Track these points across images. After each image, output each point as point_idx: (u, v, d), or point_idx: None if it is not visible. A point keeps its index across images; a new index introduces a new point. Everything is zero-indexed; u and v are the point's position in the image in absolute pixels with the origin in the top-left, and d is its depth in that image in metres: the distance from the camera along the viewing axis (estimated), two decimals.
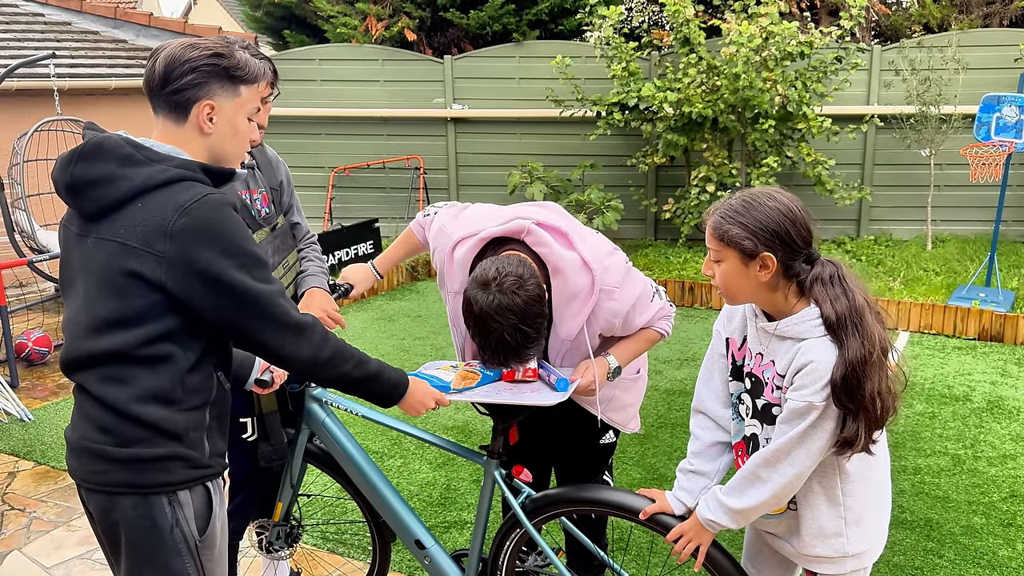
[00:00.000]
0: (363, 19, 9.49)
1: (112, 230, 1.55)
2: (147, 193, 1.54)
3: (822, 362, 1.66)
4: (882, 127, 7.89)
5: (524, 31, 9.36)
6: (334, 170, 8.83)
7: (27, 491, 3.73)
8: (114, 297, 1.54)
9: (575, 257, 2.06)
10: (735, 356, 1.91)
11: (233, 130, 1.67)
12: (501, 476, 2.16)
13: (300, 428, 2.40)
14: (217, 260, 1.52)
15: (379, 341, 5.88)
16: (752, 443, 1.88)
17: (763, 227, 1.67)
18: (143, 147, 1.58)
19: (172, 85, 1.60)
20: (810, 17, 11.07)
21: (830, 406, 1.67)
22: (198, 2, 25.06)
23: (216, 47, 1.64)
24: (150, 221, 1.51)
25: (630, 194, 8.35)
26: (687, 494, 1.96)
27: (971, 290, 6.23)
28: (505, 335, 1.91)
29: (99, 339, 1.56)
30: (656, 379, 5.03)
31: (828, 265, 1.73)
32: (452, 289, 2.19)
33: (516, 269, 1.93)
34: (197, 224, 1.51)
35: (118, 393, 1.56)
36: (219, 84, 1.63)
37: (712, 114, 7.10)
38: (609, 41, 7.50)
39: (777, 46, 6.91)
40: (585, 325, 2.10)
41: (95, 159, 1.56)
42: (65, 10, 9.34)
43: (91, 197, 1.56)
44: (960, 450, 3.97)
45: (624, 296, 2.10)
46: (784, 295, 1.74)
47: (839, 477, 1.79)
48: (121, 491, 1.60)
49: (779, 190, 1.75)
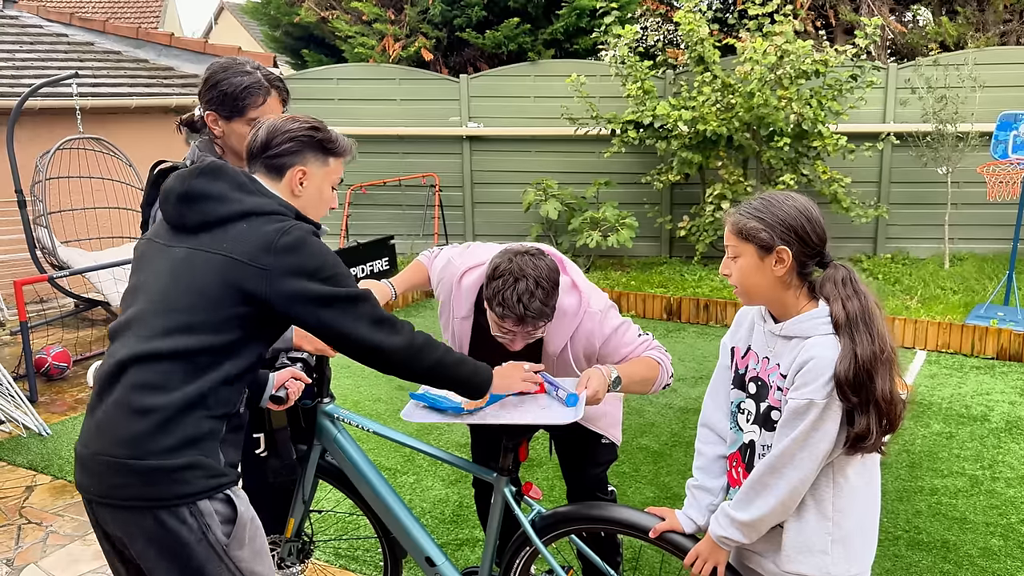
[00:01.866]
0: (380, 39, 9.59)
1: (215, 243, 1.70)
2: (254, 217, 1.73)
3: (823, 358, 1.67)
4: (898, 145, 7.87)
5: (539, 50, 9.42)
6: (351, 188, 8.90)
7: (44, 505, 3.76)
8: (204, 303, 1.66)
9: (567, 279, 2.25)
10: (738, 365, 1.93)
11: (319, 195, 1.89)
12: (511, 493, 2.16)
13: (312, 444, 2.41)
14: (315, 271, 1.71)
15: None
16: (749, 451, 1.87)
17: (780, 221, 1.73)
18: (256, 181, 1.81)
19: (272, 151, 1.82)
20: (825, 36, 11.08)
21: (831, 405, 1.67)
22: (219, 22, 25.45)
23: (313, 122, 1.87)
24: (255, 240, 1.69)
25: (645, 212, 8.36)
26: (696, 511, 1.96)
27: (989, 309, 6.17)
28: (530, 285, 2.03)
29: (168, 339, 1.66)
30: (670, 397, 5.01)
31: (841, 268, 1.78)
32: (459, 315, 2.33)
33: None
34: (296, 243, 1.70)
35: (156, 400, 1.63)
36: (312, 154, 1.85)
37: (727, 132, 7.10)
38: (624, 60, 7.53)
39: (792, 64, 6.92)
40: (569, 342, 2.24)
41: (216, 178, 1.76)
42: (88, 30, 9.51)
43: (201, 210, 1.73)
44: (978, 471, 3.93)
45: (605, 321, 2.26)
46: (795, 295, 1.77)
47: (832, 489, 1.77)
48: (142, 505, 1.64)
49: (797, 194, 1.81)
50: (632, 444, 4.28)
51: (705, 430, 2.02)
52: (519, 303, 2.03)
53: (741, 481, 1.88)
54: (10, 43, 8.57)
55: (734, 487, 1.92)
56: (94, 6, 16.57)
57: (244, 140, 2.22)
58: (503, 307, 2.05)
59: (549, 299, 2.08)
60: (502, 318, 2.07)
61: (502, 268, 2.08)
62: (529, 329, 2.10)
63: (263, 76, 2.31)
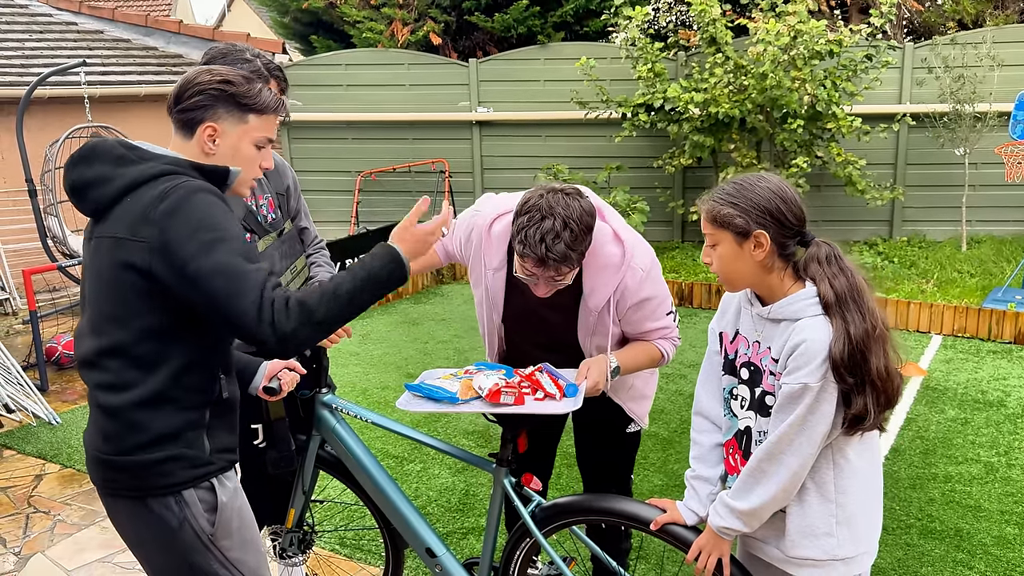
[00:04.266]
0: (389, 24, 9.52)
1: (107, 227, 1.62)
2: (137, 188, 1.61)
3: (815, 340, 1.64)
4: (914, 126, 7.73)
5: (549, 33, 9.33)
6: (360, 174, 8.87)
7: (52, 494, 3.77)
8: (111, 292, 1.61)
9: (608, 228, 2.09)
10: (727, 350, 1.90)
11: (235, 154, 1.73)
12: (510, 484, 2.13)
13: (311, 435, 2.39)
14: (191, 237, 1.53)
15: (402, 345, 5.88)
16: (746, 437, 1.84)
17: (754, 205, 1.69)
18: (136, 148, 1.67)
19: (181, 105, 1.69)
20: (840, 15, 10.89)
21: (827, 387, 1.63)
22: (232, 9, 25.37)
23: (230, 75, 1.72)
24: (135, 211, 1.58)
25: (657, 196, 8.28)
26: (696, 502, 1.93)
27: (1007, 292, 6.07)
28: (556, 225, 1.89)
29: (100, 337, 1.63)
30: (680, 383, 4.96)
31: (824, 246, 1.74)
32: (491, 266, 2.19)
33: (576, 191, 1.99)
34: (173, 206, 1.55)
35: (117, 398, 1.62)
36: (225, 109, 1.70)
37: (739, 114, 7.00)
38: (635, 42, 7.44)
39: (805, 45, 6.80)
40: (612, 298, 2.08)
41: (92, 161, 1.65)
42: (97, 19, 9.50)
43: (90, 198, 1.64)
44: (993, 458, 3.86)
45: (645, 283, 2.09)
46: (780, 277, 1.74)
47: (832, 471, 1.74)
48: (128, 495, 1.67)
49: (770, 174, 1.77)
50: None
51: (699, 418, 1.98)
52: (541, 243, 1.90)
53: (739, 468, 1.85)
54: (20, 32, 8.58)
55: (732, 475, 1.88)
56: None
57: None
58: (524, 245, 1.92)
59: (577, 243, 1.93)
60: (523, 257, 1.95)
61: (531, 203, 1.94)
62: (551, 274, 1.96)
63: (262, 64, 2.28)
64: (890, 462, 3.83)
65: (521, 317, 2.23)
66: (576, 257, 1.95)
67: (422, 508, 3.52)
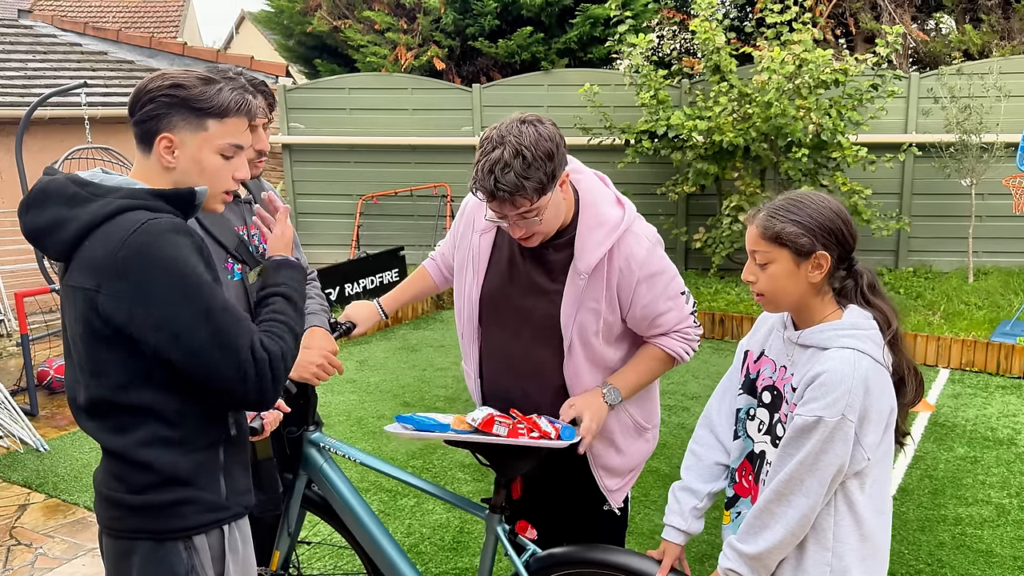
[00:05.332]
0: (393, 48, 9.53)
1: (74, 275, 1.50)
2: (93, 230, 1.47)
3: (836, 372, 1.56)
4: (920, 156, 7.67)
5: (553, 59, 9.32)
6: (362, 198, 8.83)
7: (36, 525, 3.67)
8: (90, 343, 1.50)
9: (610, 193, 2.01)
10: (749, 369, 1.82)
11: (198, 167, 1.56)
12: (504, 532, 2.03)
13: (298, 474, 2.29)
14: (161, 293, 1.43)
15: (400, 372, 5.78)
16: (760, 461, 1.75)
17: (819, 224, 1.62)
18: (89, 184, 1.52)
19: (136, 116, 1.55)
20: (845, 44, 10.90)
21: (842, 425, 1.55)
22: (240, 31, 25.55)
23: (181, 77, 1.55)
24: (96, 259, 1.46)
25: (660, 223, 8.20)
26: (677, 516, 1.84)
27: (1015, 325, 5.96)
28: (506, 155, 1.76)
29: (89, 387, 1.53)
30: (683, 416, 4.85)
31: (868, 272, 1.70)
32: (479, 228, 2.09)
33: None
34: (138, 255, 1.43)
35: (119, 441, 1.53)
36: (180, 117, 1.53)
37: (743, 142, 6.95)
38: (639, 69, 7.41)
39: (811, 73, 6.76)
40: (606, 262, 1.94)
41: (43, 205, 1.52)
42: (101, 40, 9.52)
43: (49, 244, 1.52)
44: (1005, 499, 3.74)
45: (654, 253, 1.96)
46: (822, 301, 1.67)
47: (833, 517, 1.63)
48: (137, 537, 1.57)
49: (823, 193, 1.70)
50: None
51: (705, 432, 1.90)
52: (490, 175, 1.75)
53: (751, 490, 1.76)
54: (23, 52, 8.58)
55: (744, 497, 1.80)
56: (115, 15, 16.69)
57: None
58: (474, 180, 1.79)
59: (531, 171, 1.76)
60: (475, 193, 1.82)
61: (484, 136, 1.81)
62: (511, 211, 1.82)
63: (247, 80, 2.21)
64: (898, 502, 3.72)
65: (501, 283, 2.06)
66: (533, 186, 1.78)
67: (415, 546, 3.41)
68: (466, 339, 2.17)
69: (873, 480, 1.63)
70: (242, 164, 1.63)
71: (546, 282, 2.01)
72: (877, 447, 1.60)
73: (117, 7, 17.30)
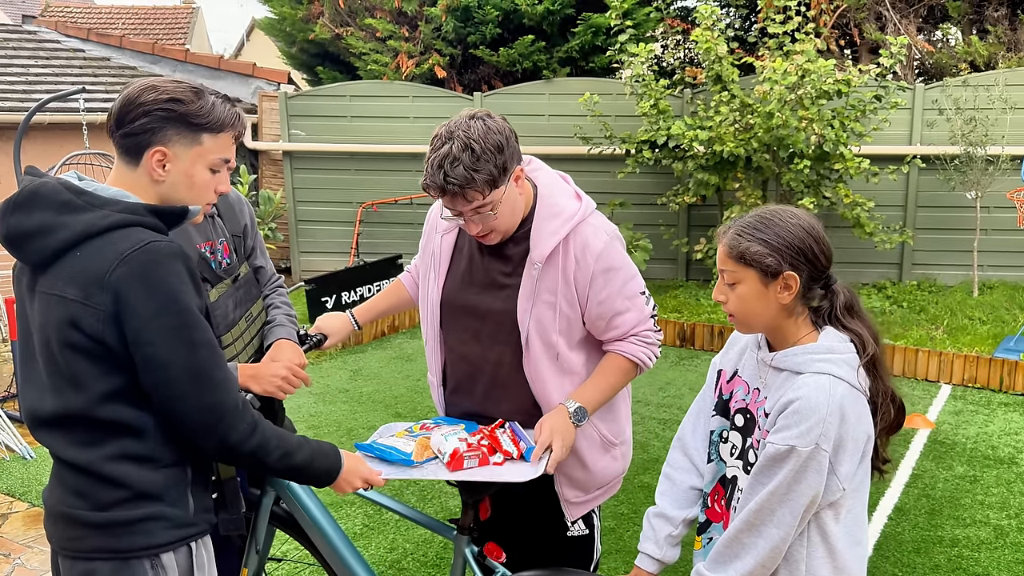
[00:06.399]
0: (394, 56, 9.50)
1: (52, 283, 1.46)
2: (87, 241, 1.44)
3: (811, 399, 1.48)
4: (924, 168, 7.58)
5: (555, 68, 9.26)
6: (362, 205, 8.79)
7: (16, 535, 3.62)
8: (63, 354, 1.46)
9: (570, 189, 2.01)
10: (722, 389, 1.74)
11: (189, 181, 1.57)
12: (472, 554, 1.96)
13: (265, 490, 2.23)
14: (151, 319, 1.42)
15: (394, 382, 5.72)
16: (732, 486, 1.68)
17: (787, 244, 1.55)
18: (84, 192, 1.49)
19: (125, 129, 1.52)
20: (850, 55, 10.82)
21: (816, 454, 1.47)
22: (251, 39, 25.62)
23: (177, 91, 1.55)
24: (89, 271, 1.42)
25: (660, 233, 8.14)
26: (652, 544, 1.77)
27: (1020, 341, 5.86)
28: (454, 149, 1.77)
29: (56, 399, 1.48)
30: (672, 433, 4.77)
31: (845, 291, 1.61)
32: (441, 228, 2.08)
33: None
34: (135, 275, 1.41)
35: (86, 455, 1.48)
36: (175, 131, 1.53)
37: (745, 153, 6.88)
38: (640, 78, 7.35)
39: (813, 84, 6.69)
40: (561, 251, 1.90)
41: (31, 208, 1.48)
42: (105, 46, 9.53)
43: (30, 249, 1.48)
44: (1004, 520, 3.65)
45: (612, 247, 1.92)
46: (796, 323, 1.59)
47: (806, 548, 1.56)
48: (99, 557, 1.51)
49: (796, 208, 1.62)
50: (633, 482, 4.05)
51: (679, 455, 1.83)
52: (439, 170, 1.77)
53: (723, 516, 1.70)
54: (25, 58, 8.60)
55: (717, 522, 1.73)
56: (124, 22, 16.75)
57: None
58: (424, 176, 1.82)
59: (480, 163, 1.76)
60: (427, 191, 1.84)
61: (434, 134, 1.84)
62: (464, 206, 1.82)
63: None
64: (893, 522, 3.63)
65: (461, 295, 2.04)
66: (483, 179, 1.78)
67: (396, 562, 3.34)
68: (429, 346, 2.13)
69: (848, 510, 1.56)
70: (225, 178, 1.64)
71: (503, 277, 1.98)
72: (852, 477, 1.53)
73: (126, 13, 17.37)
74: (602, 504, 2.16)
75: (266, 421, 1.60)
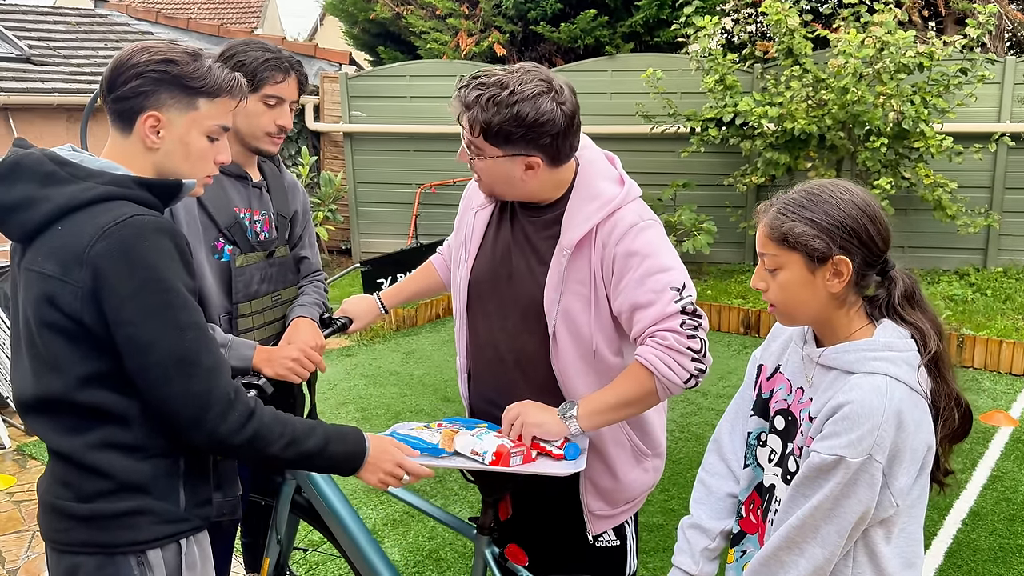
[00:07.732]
0: (454, 34, 9.37)
1: (33, 258, 1.39)
2: (69, 214, 1.37)
3: (864, 404, 1.29)
4: (1014, 147, 7.08)
5: (618, 44, 8.99)
6: (420, 187, 8.73)
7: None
8: (41, 334, 1.39)
9: (615, 173, 1.86)
10: (761, 386, 1.56)
11: (185, 149, 1.48)
12: (493, 556, 1.84)
13: (286, 478, 2.15)
14: (131, 296, 1.34)
15: (445, 366, 5.63)
16: (769, 495, 1.50)
17: (838, 224, 1.35)
18: (68, 163, 1.42)
19: (117, 92, 1.44)
20: (934, 26, 10.22)
21: (868, 465, 1.28)
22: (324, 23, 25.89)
23: (171, 53, 1.45)
24: (68, 246, 1.35)
25: (726, 216, 7.83)
26: (687, 557, 1.60)
27: None
28: (492, 80, 1.70)
29: (37, 382, 1.42)
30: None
31: (905, 278, 1.40)
32: (477, 203, 1.95)
33: None
34: (116, 250, 1.33)
35: (71, 442, 1.41)
36: (169, 94, 1.45)
37: (818, 131, 6.54)
38: (707, 53, 7.05)
39: (892, 57, 6.29)
40: (593, 237, 1.76)
41: (13, 180, 1.41)
42: (172, 28, 9.68)
43: (13, 223, 1.41)
44: None
45: (641, 232, 1.74)
46: (848, 314, 1.40)
47: (852, 569, 1.37)
48: (84, 551, 1.44)
49: (852, 184, 1.40)
50: (686, 476, 3.86)
51: (716, 459, 1.66)
52: (474, 79, 1.71)
53: (759, 527, 1.52)
54: (96, 41, 8.78)
55: (751, 534, 1.55)
56: (199, 6, 17.09)
57: (252, 120, 2.01)
58: (461, 89, 1.74)
59: (500, 107, 1.66)
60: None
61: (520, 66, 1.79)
62: (464, 134, 1.74)
63: (285, 57, 2.09)
64: (968, 528, 3.36)
65: (490, 278, 1.90)
66: (481, 118, 1.67)
67: (413, 557, 3.25)
68: (458, 331, 1.99)
69: (901, 529, 1.36)
70: (224, 147, 1.55)
71: (533, 262, 1.83)
72: (908, 492, 1.33)
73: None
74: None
75: (267, 408, 1.48)
